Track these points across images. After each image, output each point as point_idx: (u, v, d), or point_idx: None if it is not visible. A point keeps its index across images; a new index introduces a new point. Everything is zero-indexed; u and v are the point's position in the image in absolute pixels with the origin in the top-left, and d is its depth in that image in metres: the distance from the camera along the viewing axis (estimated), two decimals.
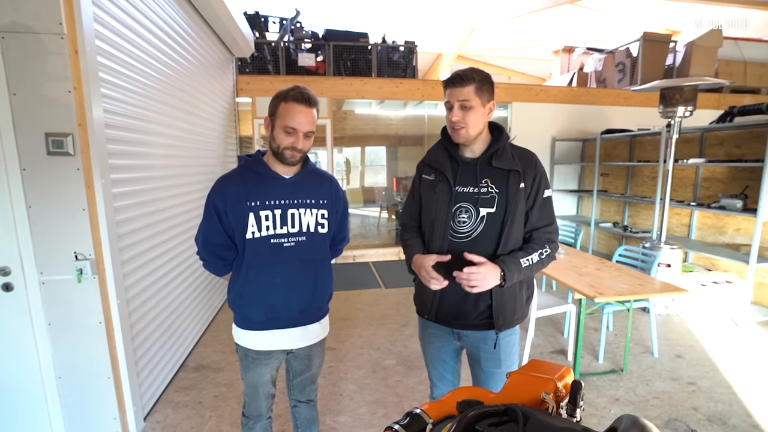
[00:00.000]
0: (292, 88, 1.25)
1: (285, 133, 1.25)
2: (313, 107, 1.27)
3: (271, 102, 1.28)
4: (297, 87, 1.26)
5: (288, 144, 1.26)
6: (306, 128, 1.26)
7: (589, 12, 6.86)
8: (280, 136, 1.26)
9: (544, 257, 1.28)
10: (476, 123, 1.24)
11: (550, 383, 0.93)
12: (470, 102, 1.22)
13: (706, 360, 2.79)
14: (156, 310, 2.32)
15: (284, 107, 1.24)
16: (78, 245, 1.72)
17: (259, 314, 1.35)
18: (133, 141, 2.14)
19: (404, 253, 1.43)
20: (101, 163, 1.76)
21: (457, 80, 1.22)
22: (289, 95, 1.24)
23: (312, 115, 1.27)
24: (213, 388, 2.46)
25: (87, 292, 1.76)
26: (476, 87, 1.21)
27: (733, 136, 3.84)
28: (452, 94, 1.24)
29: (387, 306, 3.85)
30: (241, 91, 4.79)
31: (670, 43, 5.85)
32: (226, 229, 1.33)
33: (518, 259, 1.23)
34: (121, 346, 1.88)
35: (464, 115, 1.23)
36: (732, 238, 3.82)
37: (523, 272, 1.24)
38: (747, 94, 6.12)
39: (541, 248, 1.27)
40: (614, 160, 5.17)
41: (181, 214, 2.80)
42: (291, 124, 1.24)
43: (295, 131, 1.25)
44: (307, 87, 1.28)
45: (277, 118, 1.26)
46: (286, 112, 1.24)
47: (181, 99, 2.84)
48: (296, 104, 1.24)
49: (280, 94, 1.26)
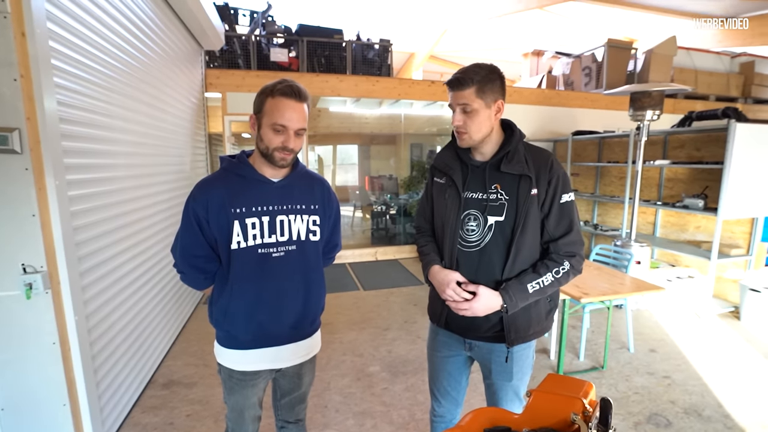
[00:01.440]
0: (279, 82, 1.13)
1: (274, 131, 1.13)
2: (304, 102, 1.15)
3: (257, 98, 1.15)
4: (285, 80, 1.14)
5: (278, 144, 1.14)
6: (297, 125, 1.14)
7: (557, 17, 7.08)
8: (268, 135, 1.14)
9: (561, 276, 1.17)
10: (480, 127, 1.15)
11: (577, 402, 0.88)
12: (471, 105, 1.12)
13: (676, 353, 2.91)
14: (120, 324, 2.11)
15: (272, 103, 1.12)
16: (27, 256, 1.51)
17: (246, 333, 1.22)
18: (92, 137, 1.92)
19: (421, 259, 1.34)
20: (55, 163, 1.55)
21: (455, 83, 1.13)
22: (276, 89, 1.12)
23: (303, 111, 1.15)
24: (185, 407, 2.27)
25: (38, 310, 1.55)
26: (477, 89, 1.11)
27: (693, 139, 4.06)
28: (453, 97, 1.15)
29: (367, 309, 3.76)
30: (210, 86, 4.52)
31: (632, 49, 6.14)
32: (207, 239, 1.19)
33: (525, 285, 1.15)
34: (79, 367, 1.67)
35: (466, 119, 1.14)
36: (693, 235, 4.04)
37: (531, 297, 1.16)
38: (698, 100, 6.55)
39: (557, 266, 1.17)
40: (584, 161, 5.35)
41: (147, 217, 2.57)
42: (280, 121, 1.11)
43: (285, 129, 1.13)
44: (295, 80, 1.16)
45: (264, 115, 1.13)
46: (274, 108, 1.12)
47: (146, 92, 2.61)
48: (285, 99, 1.11)
49: (267, 88, 1.13)
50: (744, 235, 3.71)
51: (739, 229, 3.73)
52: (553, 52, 6.87)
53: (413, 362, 2.77)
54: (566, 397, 0.89)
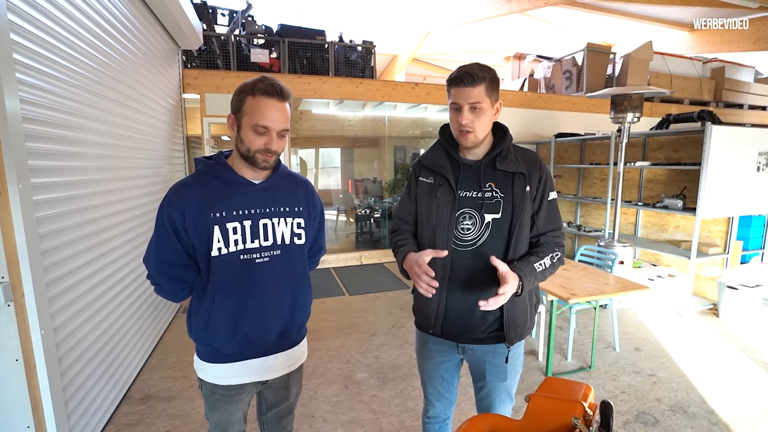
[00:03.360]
0: (259, 80, 1.06)
1: (255, 133, 1.06)
2: (286, 100, 1.09)
3: (235, 97, 1.08)
4: (265, 78, 1.07)
5: (260, 146, 1.07)
6: (280, 126, 1.07)
7: (538, 22, 7.21)
8: (249, 136, 1.07)
9: (555, 261, 1.19)
10: (485, 126, 1.14)
11: (578, 407, 0.85)
12: (481, 104, 1.10)
13: (660, 351, 2.95)
14: (91, 337, 1.98)
15: (252, 102, 1.05)
16: None
17: (230, 345, 1.15)
18: (60, 138, 1.80)
19: (395, 254, 1.27)
20: (18, 165, 1.43)
21: (468, 79, 1.09)
22: (257, 88, 1.05)
23: (286, 110, 1.09)
24: (164, 422, 2.15)
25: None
26: (487, 87, 1.10)
27: (671, 141, 4.17)
28: (461, 95, 1.11)
29: (353, 314, 3.69)
30: (188, 87, 4.38)
31: (611, 54, 6.29)
32: (185, 247, 1.11)
33: (532, 265, 1.14)
34: (45, 386, 1.55)
35: (474, 118, 1.12)
36: (672, 234, 4.14)
37: (538, 277, 1.15)
38: (673, 103, 6.76)
39: (551, 252, 1.19)
40: (566, 163, 5.43)
41: (121, 223, 2.44)
42: (262, 122, 1.05)
43: (268, 130, 1.06)
44: (275, 78, 1.09)
45: (243, 115, 1.06)
46: (255, 108, 1.05)
47: (119, 91, 2.49)
48: (266, 98, 1.05)
49: (246, 87, 1.06)
50: (721, 234, 3.82)
51: (716, 228, 3.84)
52: (535, 56, 6.98)
53: (402, 368, 2.71)
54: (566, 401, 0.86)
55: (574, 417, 0.81)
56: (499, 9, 6.16)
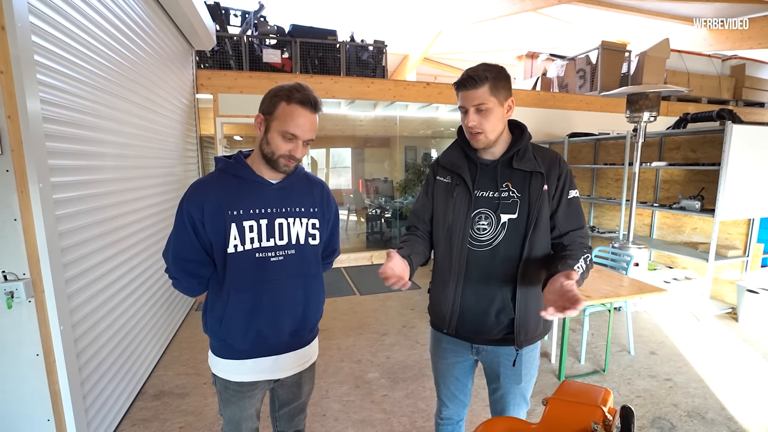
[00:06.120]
0: (296, 88, 1.07)
1: (283, 138, 1.08)
2: (318, 112, 1.12)
3: (269, 99, 1.09)
4: (301, 87, 1.08)
5: (285, 152, 1.10)
6: (308, 136, 1.10)
7: (551, 20, 7.12)
8: (276, 140, 1.09)
9: (589, 263, 1.13)
10: (495, 126, 1.12)
11: (597, 411, 0.83)
12: (487, 104, 1.09)
13: (677, 355, 2.89)
14: (108, 333, 2.02)
15: (286, 109, 1.06)
16: (7, 263, 1.43)
17: (243, 342, 1.16)
18: (79, 138, 1.83)
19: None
20: (39, 164, 1.47)
21: (470, 82, 1.09)
22: (293, 96, 1.06)
23: (315, 122, 1.12)
24: (178, 418, 2.18)
25: (20, 320, 1.46)
26: (491, 86, 1.09)
27: (688, 140, 4.07)
28: (465, 98, 1.11)
29: (364, 314, 3.69)
30: (201, 87, 4.43)
31: (625, 52, 6.18)
32: (202, 243, 1.13)
33: (572, 267, 1.07)
34: (65, 380, 1.58)
35: (481, 119, 1.11)
36: (689, 236, 4.05)
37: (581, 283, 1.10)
38: (690, 102, 6.60)
39: (582, 253, 1.12)
40: (580, 163, 5.35)
41: (137, 221, 2.48)
42: (292, 130, 1.07)
43: (296, 138, 1.09)
44: (310, 87, 1.11)
45: (274, 119, 1.08)
46: (287, 115, 1.06)
47: (135, 92, 2.53)
48: (301, 108, 1.07)
49: (282, 92, 1.07)
50: (740, 236, 3.72)
51: (736, 230, 3.74)
52: (548, 55, 6.89)
53: (413, 368, 2.71)
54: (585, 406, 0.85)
55: (593, 422, 0.79)
56: (511, 7, 6.09)
